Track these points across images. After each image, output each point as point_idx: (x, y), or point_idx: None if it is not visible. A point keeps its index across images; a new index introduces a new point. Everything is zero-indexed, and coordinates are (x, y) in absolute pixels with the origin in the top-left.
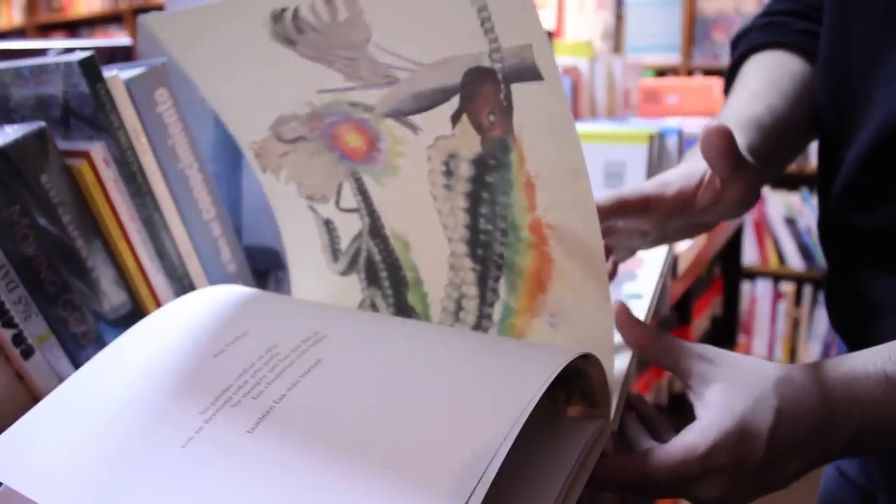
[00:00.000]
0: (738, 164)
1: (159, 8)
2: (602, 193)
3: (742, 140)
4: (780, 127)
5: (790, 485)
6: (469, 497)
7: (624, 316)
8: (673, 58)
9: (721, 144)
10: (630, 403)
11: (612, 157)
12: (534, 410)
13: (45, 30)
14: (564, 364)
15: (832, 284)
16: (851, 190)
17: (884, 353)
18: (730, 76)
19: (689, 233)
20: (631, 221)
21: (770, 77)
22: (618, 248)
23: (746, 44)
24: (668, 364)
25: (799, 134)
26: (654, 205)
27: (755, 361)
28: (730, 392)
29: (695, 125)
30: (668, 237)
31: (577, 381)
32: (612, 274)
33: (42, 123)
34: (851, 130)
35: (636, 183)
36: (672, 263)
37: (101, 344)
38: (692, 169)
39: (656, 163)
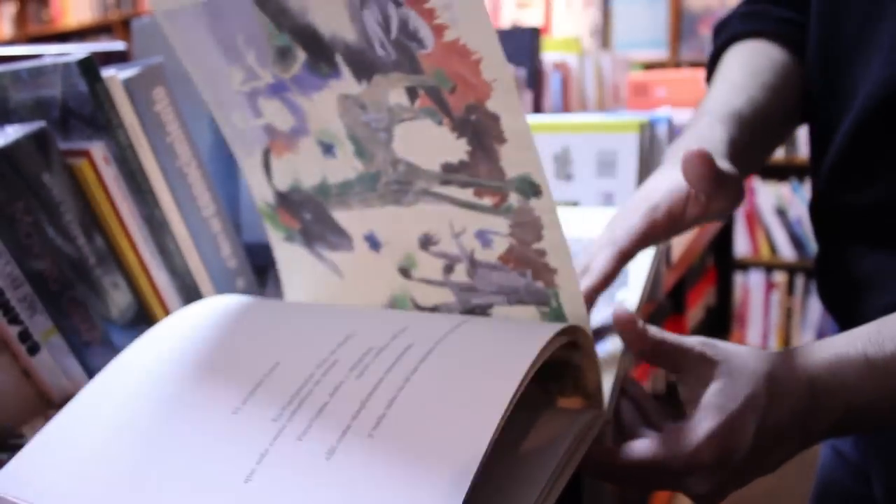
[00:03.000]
0: (720, 182)
1: None
2: (597, 248)
3: (724, 135)
4: (760, 118)
5: (776, 469)
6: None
7: (624, 318)
8: (660, 53)
9: (701, 168)
10: (625, 388)
11: (604, 146)
12: (526, 402)
13: (35, 42)
14: (547, 341)
15: (822, 263)
16: (840, 168)
17: (864, 335)
18: (711, 66)
19: (675, 235)
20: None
21: (750, 68)
22: None
23: (727, 33)
24: (669, 367)
25: (779, 124)
26: (649, 235)
27: (749, 356)
28: (723, 393)
29: (684, 116)
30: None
31: (568, 373)
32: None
33: (42, 123)
34: (839, 110)
35: (623, 219)
36: (666, 252)
37: (107, 342)
38: (677, 184)
39: (647, 152)
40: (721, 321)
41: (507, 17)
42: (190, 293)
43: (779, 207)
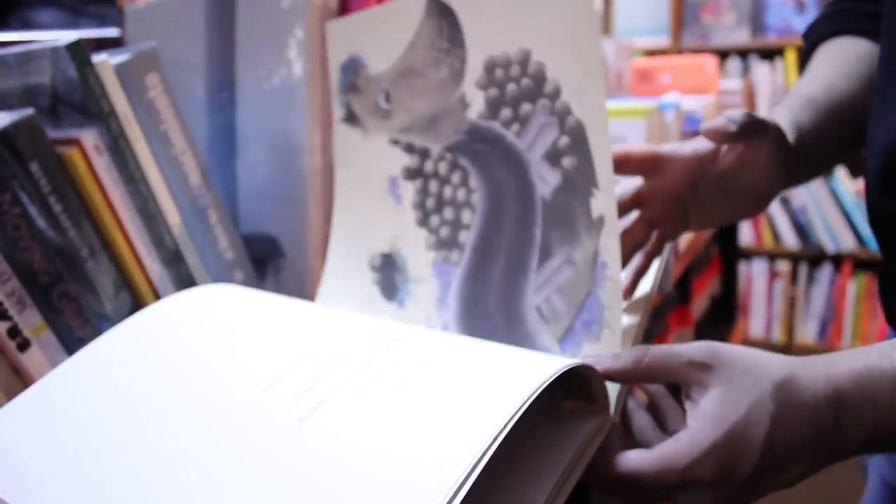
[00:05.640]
0: (752, 127)
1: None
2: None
3: (788, 118)
4: (837, 104)
5: (797, 484)
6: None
7: (597, 365)
8: (662, 40)
9: (718, 135)
10: (642, 387)
11: (611, 132)
12: (533, 406)
13: None
14: (554, 376)
15: (886, 275)
16: (888, 179)
17: None
18: (801, 70)
19: (733, 209)
20: (656, 186)
21: (833, 61)
22: (664, 227)
23: (814, 36)
24: (662, 380)
25: (862, 112)
26: (665, 162)
27: (758, 360)
28: (724, 401)
29: (691, 102)
30: (712, 215)
31: (573, 378)
32: (652, 254)
33: (30, 110)
34: (888, 117)
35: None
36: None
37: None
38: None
39: (657, 138)
40: (726, 310)
41: None
42: (186, 286)
43: (782, 195)
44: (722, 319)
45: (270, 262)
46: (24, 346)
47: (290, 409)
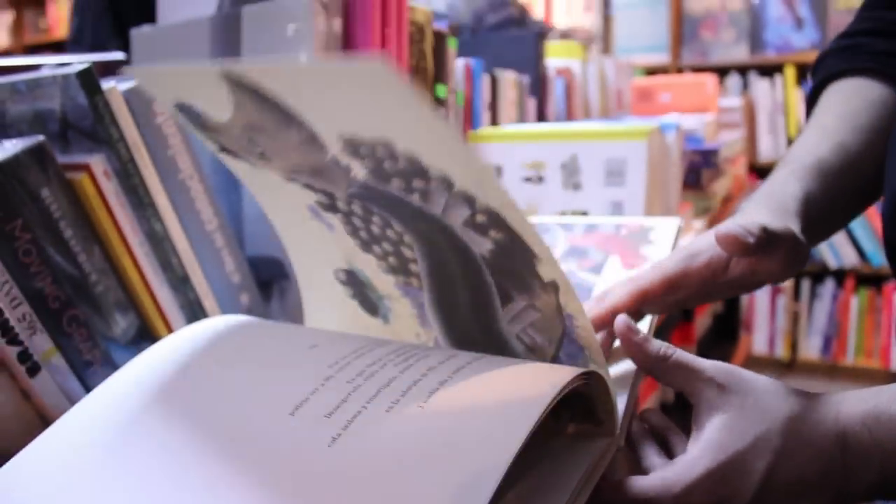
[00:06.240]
0: (768, 241)
1: (151, 20)
2: (617, 283)
3: (797, 191)
4: (848, 165)
5: None
6: None
7: (626, 331)
8: (662, 57)
9: (733, 248)
10: (646, 418)
11: (612, 154)
12: (537, 430)
13: (32, 51)
14: (562, 390)
15: None
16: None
17: None
18: (808, 107)
19: (735, 292)
20: (666, 300)
21: (842, 110)
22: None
23: (823, 71)
24: (676, 384)
25: (877, 166)
26: (680, 283)
27: (774, 393)
28: (730, 429)
29: (691, 121)
30: (709, 300)
31: (578, 399)
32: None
33: (41, 137)
34: None
35: (659, 261)
36: None
37: (109, 362)
38: None
39: (658, 158)
40: (729, 328)
41: None
42: (193, 309)
43: None
44: (725, 337)
45: (275, 284)
46: (34, 370)
47: (321, 428)
